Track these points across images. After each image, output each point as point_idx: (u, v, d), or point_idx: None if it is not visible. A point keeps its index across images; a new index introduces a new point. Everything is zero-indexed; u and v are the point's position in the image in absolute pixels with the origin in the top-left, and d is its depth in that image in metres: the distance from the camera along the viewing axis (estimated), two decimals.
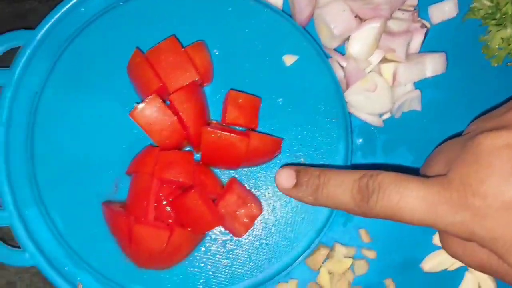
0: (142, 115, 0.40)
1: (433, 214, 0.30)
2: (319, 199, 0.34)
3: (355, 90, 0.46)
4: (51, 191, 0.44)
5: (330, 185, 0.34)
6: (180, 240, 0.40)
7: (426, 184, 0.31)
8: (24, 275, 0.49)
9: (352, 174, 0.34)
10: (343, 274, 0.46)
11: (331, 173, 0.34)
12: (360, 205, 0.33)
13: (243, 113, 0.41)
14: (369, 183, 0.32)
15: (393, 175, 0.32)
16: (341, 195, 0.33)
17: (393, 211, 0.31)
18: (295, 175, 0.36)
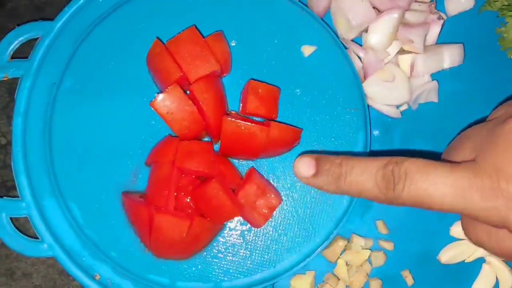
0: (163, 105, 0.40)
1: (464, 200, 0.30)
2: (342, 188, 0.33)
3: (373, 81, 0.46)
4: (69, 182, 0.44)
5: (354, 173, 0.33)
6: (200, 229, 0.40)
7: (455, 170, 0.30)
8: (40, 266, 0.49)
9: (376, 161, 0.33)
10: (361, 266, 0.46)
11: (353, 160, 0.33)
12: (386, 192, 0.32)
13: (263, 103, 0.41)
14: (394, 170, 0.32)
15: (419, 162, 0.32)
16: (365, 182, 0.32)
17: (421, 198, 0.31)
18: (315, 163, 0.34)
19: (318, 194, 0.44)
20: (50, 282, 0.49)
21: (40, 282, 0.49)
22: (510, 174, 0.29)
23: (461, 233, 0.48)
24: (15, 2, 0.51)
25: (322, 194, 0.44)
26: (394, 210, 0.48)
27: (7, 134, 0.50)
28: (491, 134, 0.32)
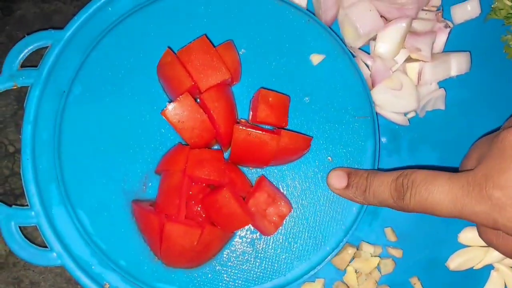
0: (174, 114, 0.40)
1: (458, 206, 0.33)
2: (367, 198, 0.39)
3: (381, 89, 0.46)
4: (78, 190, 0.44)
5: (374, 185, 0.38)
6: (210, 238, 0.40)
7: (451, 179, 0.34)
8: (48, 275, 0.48)
9: (391, 174, 0.38)
10: (370, 273, 0.46)
11: (375, 174, 0.39)
12: (397, 201, 0.37)
13: (274, 111, 0.41)
14: (404, 182, 0.36)
15: (423, 173, 0.36)
16: (382, 193, 0.38)
17: (424, 205, 0.35)
18: (346, 176, 0.40)
19: (328, 202, 0.44)
20: None
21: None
22: (497, 180, 0.32)
23: (469, 240, 0.48)
24: (24, 10, 0.51)
25: (331, 202, 0.44)
26: (402, 218, 0.48)
27: (15, 142, 0.50)
28: (490, 144, 0.34)
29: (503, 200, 0.32)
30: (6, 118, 0.50)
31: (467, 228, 0.48)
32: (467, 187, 0.33)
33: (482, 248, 0.48)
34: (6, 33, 0.51)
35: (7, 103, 0.50)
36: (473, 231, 0.48)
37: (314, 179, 0.44)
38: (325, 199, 0.44)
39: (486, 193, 0.32)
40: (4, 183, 0.49)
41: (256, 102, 0.42)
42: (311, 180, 0.44)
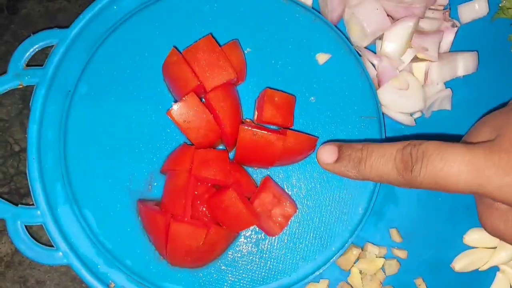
0: (180, 114, 0.40)
1: (480, 178, 0.30)
2: (362, 172, 0.34)
3: (388, 88, 0.46)
4: (84, 189, 0.44)
5: (373, 157, 0.34)
6: (216, 238, 0.40)
7: (472, 149, 0.30)
8: (53, 274, 0.49)
9: (394, 145, 0.34)
10: (375, 274, 0.46)
11: (373, 145, 0.34)
12: (404, 174, 0.32)
13: (280, 111, 0.41)
14: (412, 152, 0.32)
15: (436, 143, 0.32)
16: (384, 165, 0.33)
17: (437, 177, 0.31)
18: (337, 149, 0.36)
19: (333, 202, 0.44)
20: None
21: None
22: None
23: (475, 241, 0.48)
24: (28, 9, 0.51)
25: (337, 203, 0.44)
26: (408, 218, 0.48)
27: (20, 141, 0.50)
28: (507, 114, 0.32)
29: None
30: (12, 117, 0.50)
31: (472, 229, 0.48)
32: (491, 156, 0.29)
33: (488, 250, 0.47)
34: (11, 32, 0.51)
35: (12, 102, 0.50)
36: (479, 233, 0.48)
37: (319, 180, 0.44)
38: (331, 200, 0.44)
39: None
40: (10, 182, 0.49)
41: (262, 102, 0.42)
42: (316, 181, 0.44)
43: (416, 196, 0.48)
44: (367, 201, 0.44)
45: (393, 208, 0.48)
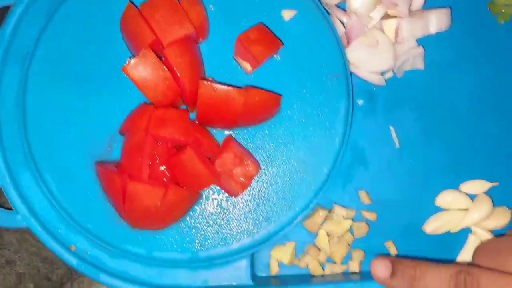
0: (136, 70, 0.39)
1: None
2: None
3: (356, 46, 0.45)
4: (44, 153, 0.43)
5: (427, 277, 0.35)
6: (175, 198, 0.39)
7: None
8: (23, 254, 0.48)
9: (449, 268, 0.35)
10: (342, 236, 0.45)
11: (428, 265, 0.36)
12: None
13: (263, 43, 0.40)
14: (467, 280, 0.34)
15: (491, 275, 0.34)
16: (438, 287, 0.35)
17: None
18: (391, 264, 0.37)
19: (297, 163, 0.43)
20: (34, 269, 0.48)
21: (24, 270, 0.48)
22: None
23: (447, 203, 0.47)
24: None
25: (301, 163, 0.43)
26: (378, 181, 0.47)
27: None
28: None
29: None
30: None
31: (445, 191, 0.47)
32: None
33: (460, 212, 0.46)
34: None
35: None
36: (452, 194, 0.47)
37: (284, 140, 0.43)
38: (295, 160, 0.43)
39: None
40: None
41: (243, 49, 0.41)
42: (281, 141, 0.43)
43: (387, 159, 0.47)
44: (332, 161, 0.43)
45: (363, 170, 0.47)
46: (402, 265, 0.37)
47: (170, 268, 0.42)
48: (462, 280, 0.34)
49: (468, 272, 0.34)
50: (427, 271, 0.36)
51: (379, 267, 0.37)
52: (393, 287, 0.37)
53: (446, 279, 0.35)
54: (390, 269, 0.37)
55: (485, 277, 0.34)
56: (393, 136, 0.47)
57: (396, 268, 0.37)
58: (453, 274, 0.35)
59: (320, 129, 0.43)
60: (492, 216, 0.46)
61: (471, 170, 0.47)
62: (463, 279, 0.34)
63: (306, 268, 0.45)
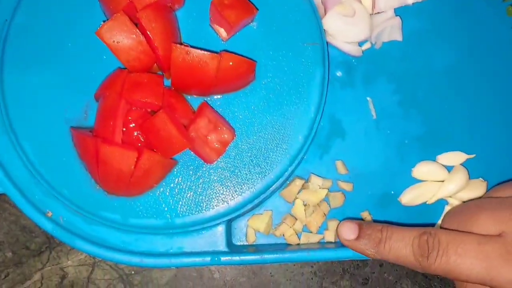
0: (109, 34, 0.39)
1: (492, 272, 0.33)
2: (381, 252, 0.38)
3: (333, 15, 0.45)
4: (21, 119, 0.43)
5: (393, 239, 0.37)
6: (150, 163, 0.39)
7: (483, 243, 0.34)
8: (3, 223, 0.49)
9: (413, 231, 0.37)
10: (318, 206, 0.46)
11: (393, 228, 0.38)
12: (420, 260, 0.36)
13: (236, 8, 0.40)
14: (429, 240, 0.36)
15: (450, 234, 0.36)
16: (402, 249, 0.37)
17: (450, 269, 0.35)
18: (357, 228, 0.39)
19: (273, 130, 0.43)
20: (13, 238, 0.48)
21: (2, 238, 0.48)
22: None
23: (423, 174, 0.47)
24: None
25: (277, 131, 0.43)
26: (355, 152, 0.47)
27: None
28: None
29: None
30: None
31: (421, 162, 0.47)
32: (506, 255, 0.33)
33: (436, 183, 0.47)
34: None
35: None
36: (428, 166, 0.47)
37: (260, 108, 0.43)
38: (271, 128, 0.43)
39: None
40: None
41: (218, 14, 0.41)
42: (257, 109, 0.43)
43: (364, 130, 0.47)
44: (307, 129, 0.43)
45: (340, 141, 0.47)
46: (369, 228, 0.38)
47: (146, 235, 0.43)
48: (425, 240, 0.36)
49: (430, 233, 0.36)
50: (392, 233, 0.37)
51: (346, 229, 0.39)
52: (360, 250, 0.38)
53: (410, 239, 0.36)
54: (357, 232, 0.38)
55: (444, 236, 0.35)
56: (370, 107, 0.47)
57: (363, 231, 0.38)
58: (416, 235, 0.36)
59: (296, 97, 0.43)
60: (468, 188, 0.46)
61: (448, 142, 0.48)
62: (425, 239, 0.36)
63: (282, 237, 0.46)
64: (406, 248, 0.36)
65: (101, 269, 0.49)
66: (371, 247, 0.38)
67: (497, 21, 0.49)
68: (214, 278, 0.48)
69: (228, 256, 0.42)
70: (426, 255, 0.36)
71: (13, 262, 0.48)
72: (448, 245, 0.35)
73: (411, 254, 0.36)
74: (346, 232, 0.39)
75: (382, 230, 0.38)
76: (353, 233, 0.38)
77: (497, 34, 0.49)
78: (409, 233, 0.37)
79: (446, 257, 0.35)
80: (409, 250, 0.36)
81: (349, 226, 0.39)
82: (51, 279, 0.49)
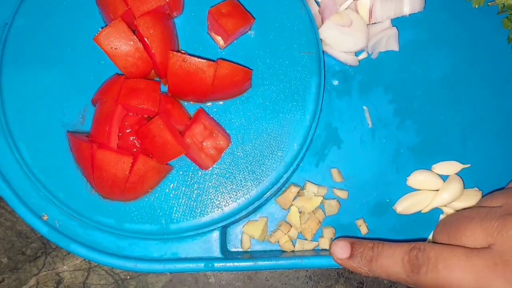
0: (106, 40, 0.39)
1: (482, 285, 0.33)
2: (373, 270, 0.38)
3: (330, 25, 0.45)
4: (19, 122, 0.43)
5: (383, 256, 0.37)
6: (145, 169, 0.40)
7: (472, 257, 0.34)
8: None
9: (402, 247, 0.37)
10: (313, 213, 0.46)
11: (383, 245, 0.38)
12: (411, 275, 0.36)
13: (234, 17, 0.40)
14: (418, 256, 0.36)
15: (438, 249, 0.36)
16: (393, 265, 0.37)
17: (441, 283, 0.35)
18: (350, 246, 0.39)
19: (269, 138, 0.43)
20: (8, 244, 0.49)
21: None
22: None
23: (418, 183, 0.47)
24: None
25: (272, 139, 0.43)
26: (350, 160, 0.47)
27: None
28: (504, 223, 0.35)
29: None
30: None
31: (416, 171, 0.47)
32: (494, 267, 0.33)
33: (431, 192, 0.47)
34: None
35: None
36: (423, 174, 0.47)
37: (256, 115, 0.43)
38: (266, 135, 0.43)
39: None
40: None
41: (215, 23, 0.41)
42: (253, 116, 0.43)
43: (360, 138, 0.48)
44: (303, 137, 0.43)
45: (336, 149, 0.48)
46: (360, 247, 0.38)
47: (141, 240, 0.43)
48: (414, 256, 0.36)
49: (419, 248, 0.36)
50: (382, 251, 0.37)
51: (338, 249, 0.39)
52: (353, 268, 0.39)
53: (400, 256, 0.36)
54: (349, 251, 0.39)
55: (433, 251, 0.36)
56: (366, 116, 0.48)
57: (355, 250, 0.39)
58: (406, 250, 0.36)
59: (292, 106, 0.43)
60: (463, 197, 0.46)
61: (443, 151, 0.48)
62: (414, 255, 0.36)
63: (277, 244, 0.46)
64: (397, 265, 0.36)
65: (97, 274, 0.49)
66: (363, 265, 0.38)
67: (493, 32, 0.49)
68: (209, 283, 0.48)
69: (222, 263, 0.42)
70: (416, 271, 0.36)
71: (8, 268, 0.48)
72: (437, 260, 0.35)
73: (402, 271, 0.36)
74: (339, 252, 0.39)
75: (373, 247, 0.38)
76: (346, 252, 0.39)
77: (493, 46, 0.49)
78: (399, 249, 0.37)
79: (435, 271, 0.35)
80: (399, 266, 0.36)
81: (341, 245, 0.39)
82: (47, 284, 0.49)
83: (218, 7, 0.41)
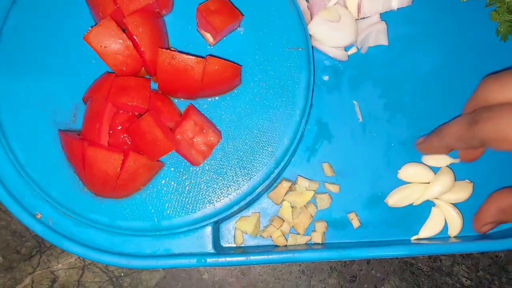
0: (96, 38, 0.40)
1: None
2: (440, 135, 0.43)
3: (318, 21, 0.45)
4: (11, 121, 0.44)
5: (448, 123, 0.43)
6: (136, 166, 0.40)
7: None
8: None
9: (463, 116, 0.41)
10: (305, 207, 0.46)
11: None
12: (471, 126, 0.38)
13: (222, 13, 0.41)
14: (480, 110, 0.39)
15: None
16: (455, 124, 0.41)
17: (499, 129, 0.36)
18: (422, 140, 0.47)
19: (259, 133, 0.43)
20: (3, 243, 0.49)
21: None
22: None
23: (409, 176, 0.47)
24: None
25: (263, 134, 0.43)
26: (341, 154, 0.48)
27: None
28: None
29: None
30: None
31: (407, 164, 0.48)
32: None
33: (422, 185, 0.47)
34: None
35: None
36: (414, 168, 0.47)
37: (246, 111, 0.44)
38: (257, 131, 0.43)
39: None
40: None
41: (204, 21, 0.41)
42: (243, 112, 0.44)
43: (350, 133, 0.48)
44: (293, 132, 0.43)
45: (327, 144, 0.48)
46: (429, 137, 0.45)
47: (133, 237, 0.43)
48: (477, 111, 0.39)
49: None
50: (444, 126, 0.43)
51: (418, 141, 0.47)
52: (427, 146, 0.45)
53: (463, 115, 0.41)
54: None
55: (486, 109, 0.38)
56: (356, 110, 0.48)
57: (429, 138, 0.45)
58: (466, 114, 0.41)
59: (281, 101, 0.44)
60: (454, 189, 0.47)
61: None
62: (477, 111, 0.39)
63: (270, 238, 0.46)
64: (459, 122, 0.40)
65: (91, 272, 0.49)
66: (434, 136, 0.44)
67: (481, 25, 0.49)
68: (203, 279, 0.48)
69: (215, 258, 0.42)
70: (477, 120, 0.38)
71: (3, 267, 0.49)
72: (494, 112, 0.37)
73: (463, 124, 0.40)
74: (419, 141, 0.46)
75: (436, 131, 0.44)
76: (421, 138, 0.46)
77: (481, 39, 0.49)
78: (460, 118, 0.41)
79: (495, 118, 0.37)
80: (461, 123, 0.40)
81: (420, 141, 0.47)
82: (42, 283, 0.49)
83: (207, 4, 0.42)
